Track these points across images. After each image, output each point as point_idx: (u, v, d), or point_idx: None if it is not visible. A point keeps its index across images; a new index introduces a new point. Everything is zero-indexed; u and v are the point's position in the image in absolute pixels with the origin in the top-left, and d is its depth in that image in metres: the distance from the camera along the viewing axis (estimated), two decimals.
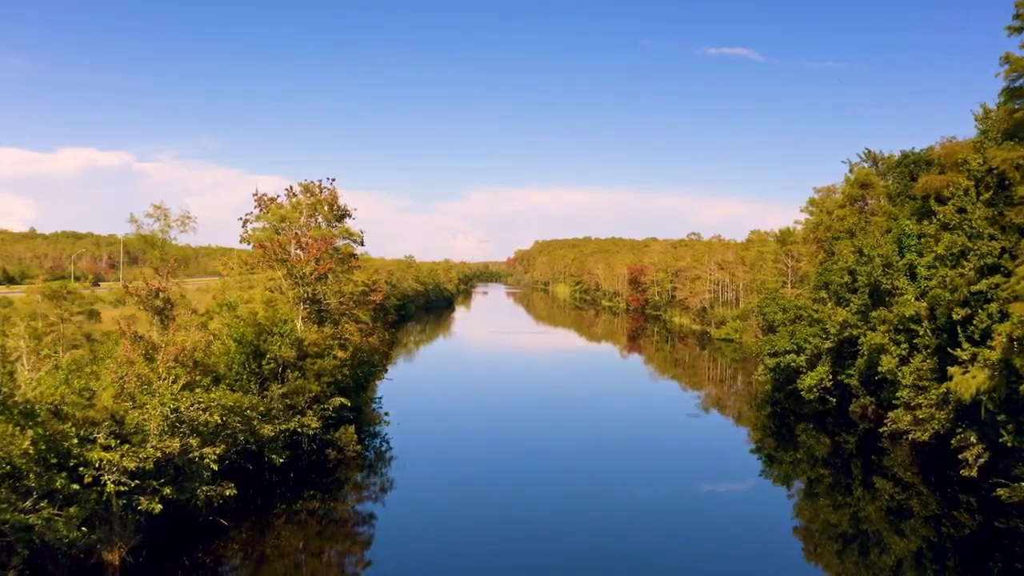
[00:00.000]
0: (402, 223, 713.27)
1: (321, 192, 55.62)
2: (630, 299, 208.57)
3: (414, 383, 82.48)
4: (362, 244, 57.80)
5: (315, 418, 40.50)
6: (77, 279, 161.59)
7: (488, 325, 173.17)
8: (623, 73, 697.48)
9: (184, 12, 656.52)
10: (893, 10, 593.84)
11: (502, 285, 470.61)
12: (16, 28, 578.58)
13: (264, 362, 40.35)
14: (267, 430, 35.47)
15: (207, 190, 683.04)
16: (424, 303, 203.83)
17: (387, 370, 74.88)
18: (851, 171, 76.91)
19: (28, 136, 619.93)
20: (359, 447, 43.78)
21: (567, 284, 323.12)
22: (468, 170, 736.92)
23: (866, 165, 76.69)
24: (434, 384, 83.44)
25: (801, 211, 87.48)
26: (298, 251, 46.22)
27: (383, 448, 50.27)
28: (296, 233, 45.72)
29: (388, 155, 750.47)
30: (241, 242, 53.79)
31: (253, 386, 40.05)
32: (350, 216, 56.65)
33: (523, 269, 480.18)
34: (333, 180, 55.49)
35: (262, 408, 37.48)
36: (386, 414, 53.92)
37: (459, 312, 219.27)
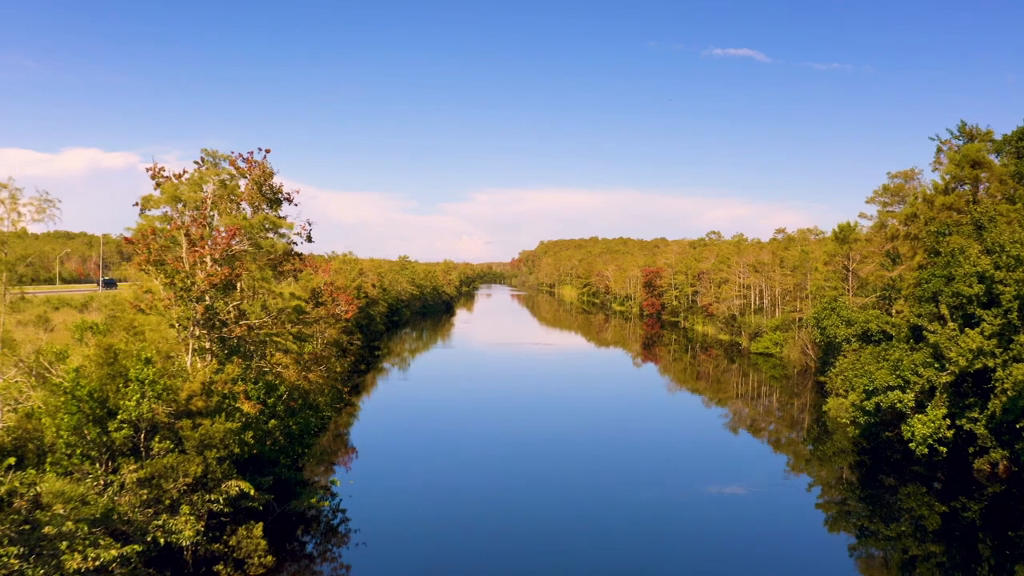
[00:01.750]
0: (406, 224, 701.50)
1: (250, 168, 40.44)
2: (644, 303, 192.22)
3: (397, 408, 67.30)
4: (309, 240, 42.57)
5: (192, 516, 24.97)
6: (65, 280, 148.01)
7: (489, 333, 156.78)
8: (628, 74, 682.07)
9: (186, 12, 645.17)
10: (896, 11, 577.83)
11: (506, 287, 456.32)
12: (21, 29, 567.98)
13: (114, 427, 24.96)
14: (76, 562, 19.91)
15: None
16: (420, 307, 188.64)
17: (341, 414, 58.12)
18: (940, 151, 61.35)
19: (33, 137, 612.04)
20: (269, 558, 27.77)
21: (574, 286, 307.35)
22: (472, 171, 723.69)
23: (958, 143, 60.97)
24: (423, 409, 67.18)
25: (867, 202, 71.71)
26: (195, 248, 30.69)
27: (336, 522, 36.11)
28: (185, 222, 30.11)
29: (392, 156, 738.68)
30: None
31: (92, 467, 24.69)
32: (290, 201, 41.48)
33: (528, 270, 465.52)
34: (267, 152, 40.45)
35: (99, 507, 22.19)
36: (333, 483, 38.43)
37: (459, 316, 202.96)
